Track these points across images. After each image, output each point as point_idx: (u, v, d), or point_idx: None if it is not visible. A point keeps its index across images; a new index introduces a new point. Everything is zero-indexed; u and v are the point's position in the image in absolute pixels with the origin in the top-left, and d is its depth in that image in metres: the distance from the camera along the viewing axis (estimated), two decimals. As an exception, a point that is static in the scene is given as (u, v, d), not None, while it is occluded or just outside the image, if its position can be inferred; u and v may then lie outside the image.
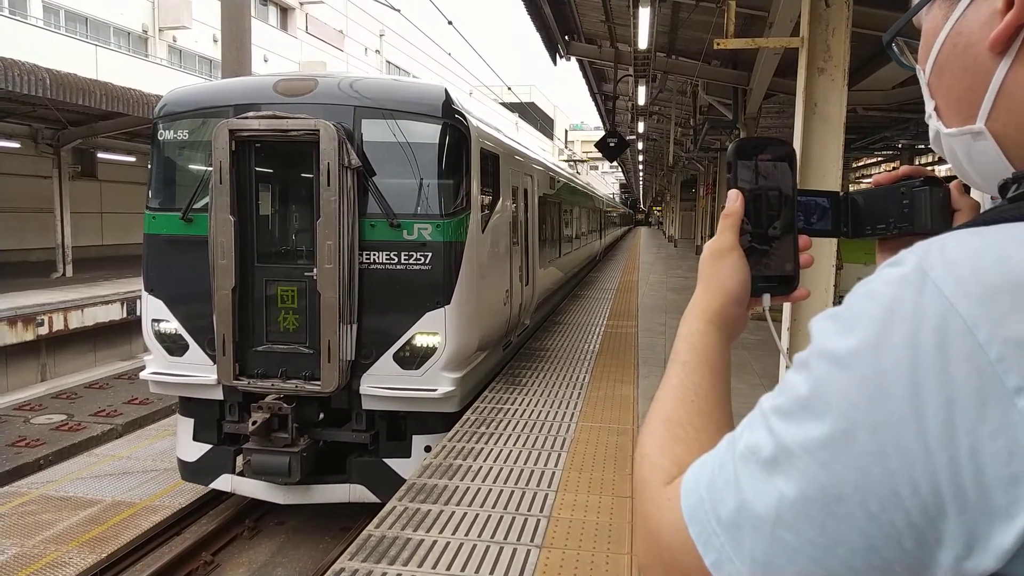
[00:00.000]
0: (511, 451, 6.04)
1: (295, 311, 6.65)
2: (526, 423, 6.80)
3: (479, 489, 5.24)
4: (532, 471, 5.61)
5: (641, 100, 14.98)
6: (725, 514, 0.60)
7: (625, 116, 22.65)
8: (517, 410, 7.22)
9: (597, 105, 21.68)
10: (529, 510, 4.92)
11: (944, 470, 0.52)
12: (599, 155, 18.19)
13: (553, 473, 5.58)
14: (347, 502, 6.86)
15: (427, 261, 6.50)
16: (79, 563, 6.31)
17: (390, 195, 6.57)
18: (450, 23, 16.69)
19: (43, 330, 12.60)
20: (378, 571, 4.08)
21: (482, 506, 4.97)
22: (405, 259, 6.51)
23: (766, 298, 0.89)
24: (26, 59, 12.54)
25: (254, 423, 6.37)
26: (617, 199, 73.76)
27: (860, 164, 29.81)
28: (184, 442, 7.17)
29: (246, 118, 6.44)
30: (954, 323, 0.53)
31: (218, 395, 6.83)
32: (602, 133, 17.60)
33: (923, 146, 21.25)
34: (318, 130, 6.23)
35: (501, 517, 4.80)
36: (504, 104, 55.28)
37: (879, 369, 0.55)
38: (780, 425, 0.59)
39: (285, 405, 6.48)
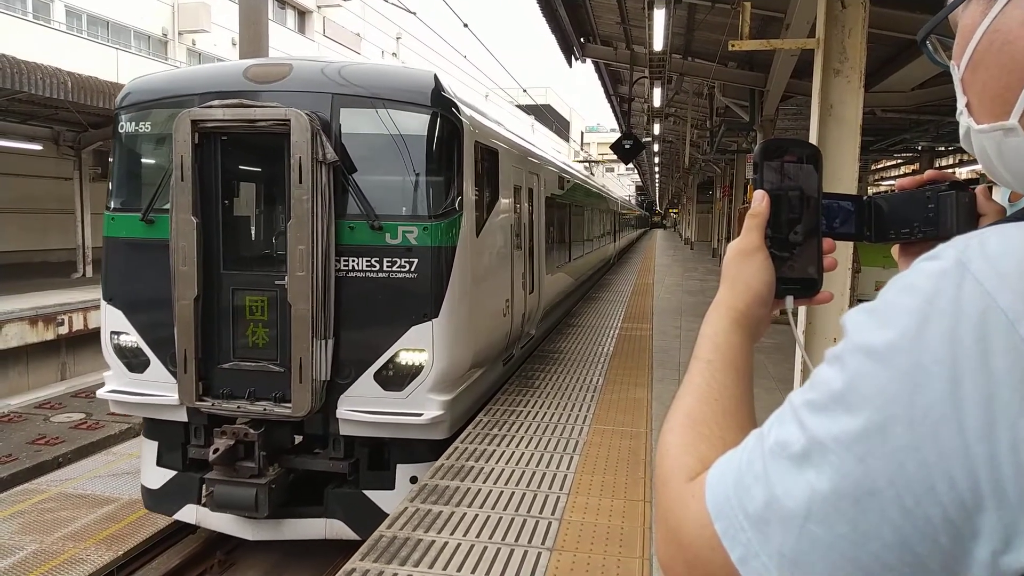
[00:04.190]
0: (523, 453, 6.03)
1: (265, 324, 6.00)
2: (538, 425, 6.79)
3: (491, 491, 5.24)
4: (544, 473, 5.60)
5: (657, 102, 14.92)
6: (753, 509, 0.60)
7: (641, 118, 22.57)
8: (529, 412, 7.21)
9: (613, 107, 21.64)
10: (540, 512, 4.91)
11: (983, 464, 0.51)
12: (615, 157, 18.14)
13: (565, 476, 5.56)
14: (324, 538, 6.26)
15: (413, 268, 5.82)
16: (96, 560, 6.39)
17: (371, 194, 5.89)
18: (466, 26, 16.72)
19: (63, 329, 12.78)
20: (389, 572, 4.09)
21: (493, 508, 4.97)
22: (388, 266, 5.83)
23: (789, 300, 0.89)
24: (49, 62, 12.74)
25: (215, 451, 5.72)
26: (633, 201, 73.54)
27: (879, 166, 29.51)
28: (148, 467, 6.54)
29: (209, 107, 5.81)
30: (995, 317, 0.53)
31: (182, 417, 6.18)
32: (618, 135, 17.56)
33: (943, 148, 21.01)
34: (289, 120, 5.59)
35: (512, 519, 4.80)
36: (520, 106, 55.33)
37: (917, 362, 0.54)
38: (812, 419, 0.59)
39: (251, 431, 5.81)
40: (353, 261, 5.87)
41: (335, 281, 5.81)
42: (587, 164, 47.52)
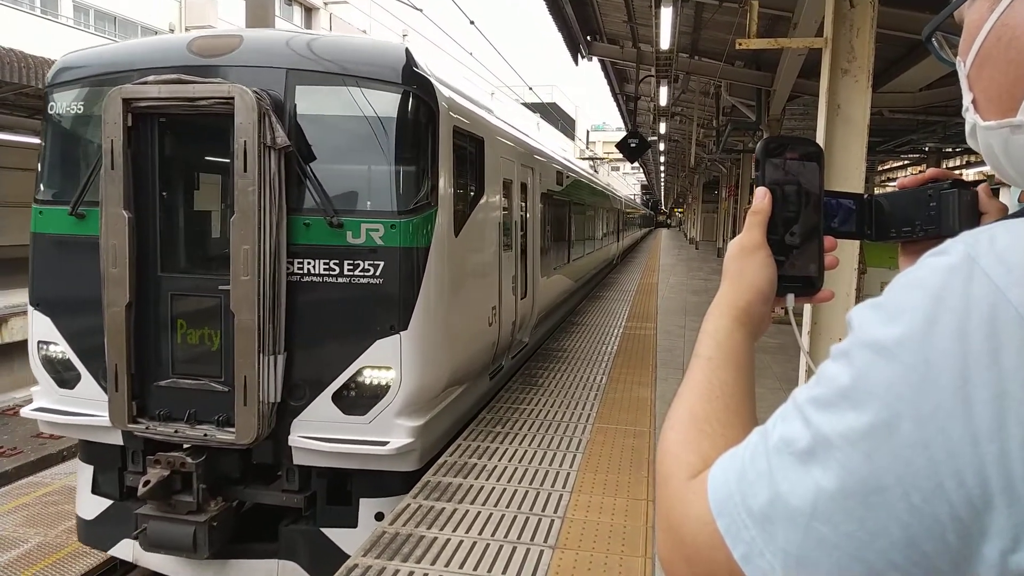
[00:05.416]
0: (526, 451, 6.03)
1: (207, 336, 5.28)
2: (542, 423, 6.79)
3: (493, 488, 5.24)
4: (547, 471, 5.60)
5: (663, 101, 14.91)
6: (757, 507, 0.59)
7: (647, 117, 22.56)
8: (533, 410, 7.21)
9: (619, 106, 21.63)
10: (543, 510, 4.91)
11: (993, 462, 0.51)
12: (621, 156, 18.12)
13: (568, 474, 5.56)
14: None
15: (378, 272, 5.05)
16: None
17: (331, 185, 5.14)
18: (472, 23, 16.70)
19: (69, 324, 12.79)
20: (391, 568, 4.09)
21: (496, 505, 4.97)
22: (349, 269, 5.07)
23: (790, 298, 0.89)
24: (57, 57, 12.77)
25: (146, 483, 4.95)
26: (638, 200, 73.51)
27: (886, 167, 29.42)
28: (83, 495, 5.76)
29: (144, 83, 5.03)
30: (1005, 312, 0.52)
31: (117, 440, 5.45)
32: (624, 134, 17.54)
33: (950, 149, 20.94)
34: (233, 98, 4.85)
35: (515, 517, 4.80)
36: (526, 104, 55.32)
37: (925, 358, 0.54)
38: (818, 416, 0.58)
39: (188, 460, 5.05)
40: (308, 264, 5.11)
41: (287, 287, 5.07)
42: (592, 162, 47.52)
